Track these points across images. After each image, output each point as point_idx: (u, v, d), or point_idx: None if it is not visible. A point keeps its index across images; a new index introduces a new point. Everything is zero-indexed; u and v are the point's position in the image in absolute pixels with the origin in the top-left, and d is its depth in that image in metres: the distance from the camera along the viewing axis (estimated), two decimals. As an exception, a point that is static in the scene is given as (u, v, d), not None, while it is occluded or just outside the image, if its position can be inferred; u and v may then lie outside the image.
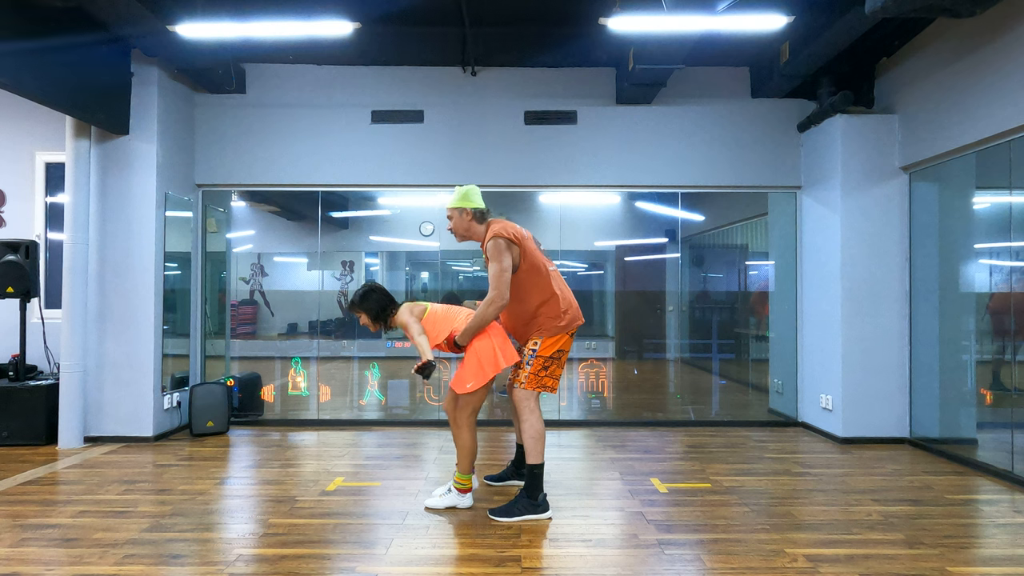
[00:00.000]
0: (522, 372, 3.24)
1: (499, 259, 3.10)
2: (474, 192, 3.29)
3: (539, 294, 3.22)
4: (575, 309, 3.31)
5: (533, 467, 3.17)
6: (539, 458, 3.17)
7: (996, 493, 3.62)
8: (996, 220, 4.13)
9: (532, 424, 3.17)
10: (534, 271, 3.21)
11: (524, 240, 3.20)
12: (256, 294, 5.97)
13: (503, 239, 3.11)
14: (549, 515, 3.16)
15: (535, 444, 3.16)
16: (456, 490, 3.29)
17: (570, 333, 3.30)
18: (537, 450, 3.16)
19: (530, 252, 3.20)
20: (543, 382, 3.23)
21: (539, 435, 3.17)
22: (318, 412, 5.53)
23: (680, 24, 3.89)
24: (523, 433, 3.19)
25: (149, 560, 2.65)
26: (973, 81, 4.06)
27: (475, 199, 3.27)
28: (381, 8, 4.55)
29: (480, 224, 3.28)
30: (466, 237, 3.34)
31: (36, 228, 5.21)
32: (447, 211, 3.33)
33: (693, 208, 5.77)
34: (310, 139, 5.37)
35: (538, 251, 3.29)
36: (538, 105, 5.39)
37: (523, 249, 3.17)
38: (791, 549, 2.77)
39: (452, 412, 3.27)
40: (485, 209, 3.30)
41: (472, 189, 3.30)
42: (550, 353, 3.23)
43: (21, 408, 4.57)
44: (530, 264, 3.19)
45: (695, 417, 5.57)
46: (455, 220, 3.31)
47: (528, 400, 3.20)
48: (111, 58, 4.51)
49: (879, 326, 4.82)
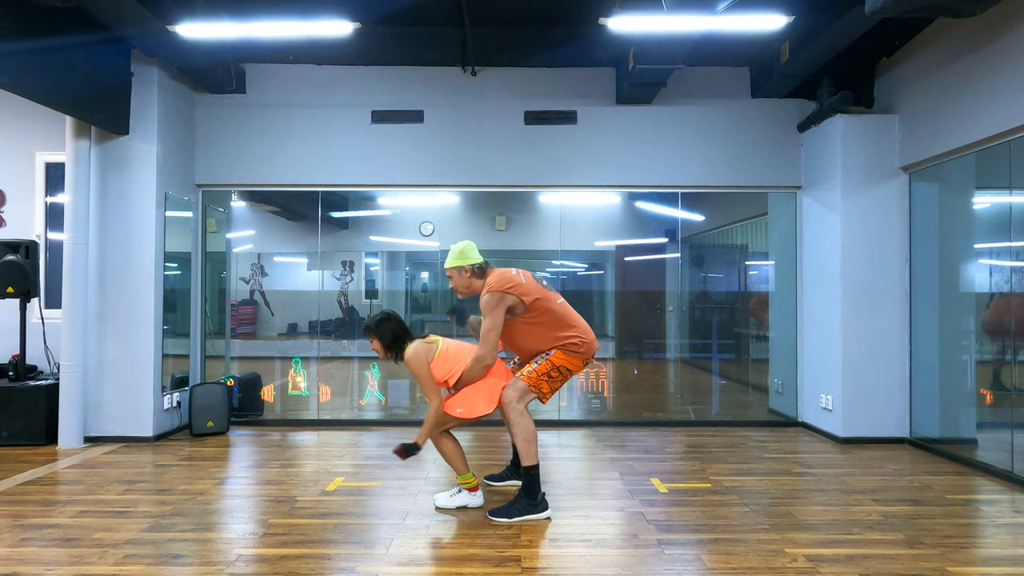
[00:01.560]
0: (526, 367, 3.25)
1: (491, 314, 3.12)
2: (470, 248, 3.32)
3: (555, 329, 3.23)
4: (592, 339, 3.31)
5: (528, 468, 3.17)
6: (534, 459, 3.17)
7: (996, 493, 3.62)
8: (996, 220, 4.13)
9: (523, 427, 3.17)
10: (544, 311, 3.21)
11: (522, 285, 3.19)
12: (256, 294, 5.97)
13: (497, 292, 3.12)
14: (548, 515, 3.16)
15: (528, 446, 3.16)
16: (465, 490, 3.30)
17: (585, 361, 3.32)
18: (531, 452, 3.16)
19: (535, 293, 3.20)
20: (541, 384, 3.22)
21: (531, 436, 3.17)
22: (318, 412, 5.53)
23: (680, 24, 3.89)
24: (514, 437, 3.19)
25: (149, 560, 2.65)
26: (973, 81, 4.06)
27: (472, 255, 3.30)
28: (381, 8, 4.55)
29: (480, 279, 3.30)
30: (469, 293, 3.36)
31: (36, 228, 5.21)
32: (446, 271, 3.35)
33: (693, 208, 5.77)
34: (310, 139, 5.37)
35: (544, 289, 3.28)
36: (538, 105, 5.39)
37: (524, 292, 3.17)
38: (791, 549, 2.78)
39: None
40: (483, 263, 3.33)
41: (468, 246, 3.32)
42: (560, 364, 3.24)
43: (21, 408, 4.57)
44: (539, 305, 3.20)
45: (695, 417, 5.57)
46: (455, 279, 3.33)
47: (517, 403, 3.18)
48: (111, 58, 4.51)
49: (879, 326, 4.82)
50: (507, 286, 3.15)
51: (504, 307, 3.14)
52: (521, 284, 3.20)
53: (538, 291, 3.23)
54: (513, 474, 3.69)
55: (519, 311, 3.20)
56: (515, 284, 3.18)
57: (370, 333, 3.32)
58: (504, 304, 3.14)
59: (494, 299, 3.12)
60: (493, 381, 3.21)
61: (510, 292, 3.14)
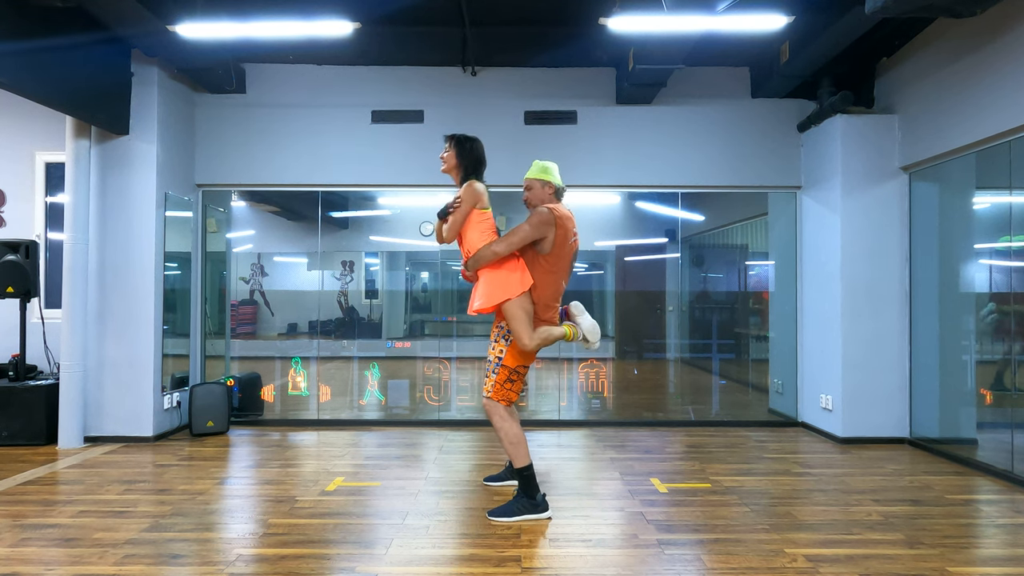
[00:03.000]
0: (488, 380, 3.26)
1: (534, 227, 3.12)
2: (556, 169, 3.36)
3: (546, 295, 3.23)
4: (555, 312, 3.31)
5: (520, 470, 3.17)
6: (524, 460, 3.17)
7: (996, 493, 3.62)
8: (996, 220, 4.13)
9: (507, 431, 3.17)
10: (558, 270, 3.23)
11: (571, 232, 3.24)
12: (256, 294, 5.97)
13: (551, 216, 3.13)
14: (549, 515, 3.16)
15: (516, 449, 3.17)
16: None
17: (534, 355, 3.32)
18: (519, 454, 3.17)
19: (568, 251, 3.25)
20: (508, 394, 3.24)
21: (516, 440, 3.17)
22: (318, 412, 5.53)
23: (680, 24, 3.89)
24: (501, 441, 3.20)
25: (149, 560, 2.65)
26: (973, 81, 4.06)
27: (556, 176, 3.34)
28: (381, 8, 4.55)
29: (556, 200, 3.33)
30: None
31: (36, 228, 5.21)
32: (526, 181, 3.34)
33: (693, 208, 5.77)
34: (310, 139, 5.37)
35: (570, 261, 3.30)
36: (538, 105, 5.39)
37: (566, 237, 3.19)
38: (791, 549, 2.78)
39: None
40: (563, 188, 3.37)
41: (555, 166, 3.37)
42: (514, 365, 3.24)
43: (21, 408, 4.57)
44: (559, 263, 3.22)
45: (695, 417, 5.57)
46: (535, 191, 3.32)
47: (497, 408, 3.20)
48: (111, 58, 4.51)
49: (879, 326, 4.82)
50: (564, 220, 3.18)
51: (546, 229, 3.14)
52: (571, 232, 3.25)
53: (569, 254, 3.26)
54: (512, 474, 3.68)
55: (546, 248, 3.19)
56: (568, 225, 3.22)
57: (455, 142, 3.29)
58: (549, 227, 3.14)
59: (546, 218, 3.13)
60: (515, 274, 3.18)
61: (562, 224, 3.16)
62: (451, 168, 3.33)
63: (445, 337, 5.76)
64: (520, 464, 3.16)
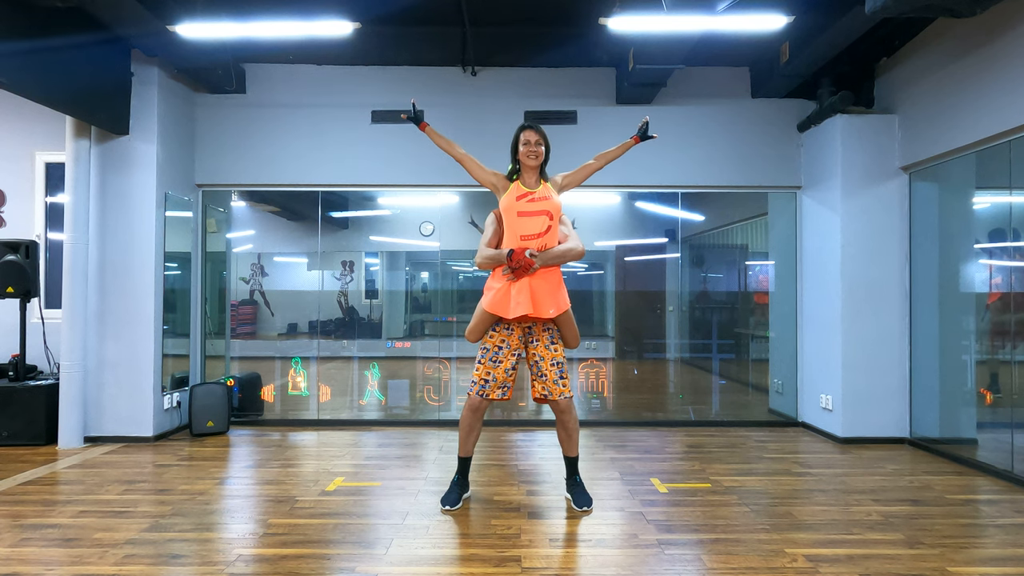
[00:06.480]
0: (563, 380, 3.29)
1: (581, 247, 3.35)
2: None
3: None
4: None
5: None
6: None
7: (996, 493, 3.62)
8: (996, 220, 4.13)
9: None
10: None
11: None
12: (256, 294, 5.97)
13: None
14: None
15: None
16: None
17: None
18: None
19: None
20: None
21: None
22: (318, 412, 5.53)
23: (680, 24, 3.89)
24: (573, 435, 3.38)
25: (149, 560, 2.65)
26: (973, 81, 4.06)
27: None
28: (381, 8, 4.55)
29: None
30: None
31: (36, 228, 5.21)
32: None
33: (693, 208, 5.77)
34: (310, 139, 5.37)
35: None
36: (538, 105, 5.39)
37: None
38: (791, 549, 2.78)
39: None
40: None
41: None
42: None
43: (21, 408, 4.57)
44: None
45: (695, 417, 5.57)
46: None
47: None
48: (111, 58, 4.51)
49: (879, 326, 4.82)
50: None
51: None
52: None
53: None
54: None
55: None
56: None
57: (544, 135, 3.35)
58: None
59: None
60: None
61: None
62: (540, 163, 3.38)
63: (445, 337, 5.76)
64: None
